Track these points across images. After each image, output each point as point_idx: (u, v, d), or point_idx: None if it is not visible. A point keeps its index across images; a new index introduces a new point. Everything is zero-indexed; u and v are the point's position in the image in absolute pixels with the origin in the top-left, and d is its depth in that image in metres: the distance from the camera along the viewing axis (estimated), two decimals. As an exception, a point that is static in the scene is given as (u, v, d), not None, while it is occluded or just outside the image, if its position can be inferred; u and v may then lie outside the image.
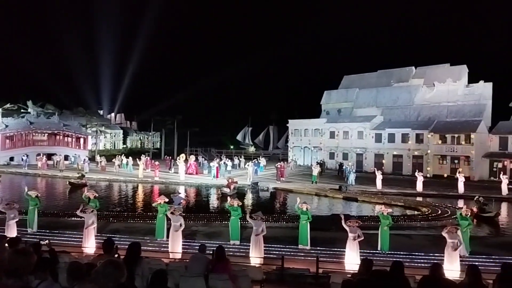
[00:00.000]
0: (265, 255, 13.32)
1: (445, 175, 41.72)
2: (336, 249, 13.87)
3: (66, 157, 51.44)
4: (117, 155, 48.62)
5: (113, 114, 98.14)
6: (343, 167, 41.72)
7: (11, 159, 52.43)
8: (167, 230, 14.93)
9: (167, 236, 14.68)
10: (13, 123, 56.38)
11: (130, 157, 46.21)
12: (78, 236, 14.73)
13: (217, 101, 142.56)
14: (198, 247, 9.64)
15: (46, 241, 8.66)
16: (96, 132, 68.69)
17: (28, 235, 15.31)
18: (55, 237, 14.90)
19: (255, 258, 13.12)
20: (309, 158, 55.40)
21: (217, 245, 9.16)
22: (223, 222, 18.50)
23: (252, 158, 49.93)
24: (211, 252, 10.39)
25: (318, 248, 14.40)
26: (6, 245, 6.42)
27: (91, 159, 51.26)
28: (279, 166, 38.20)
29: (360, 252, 12.79)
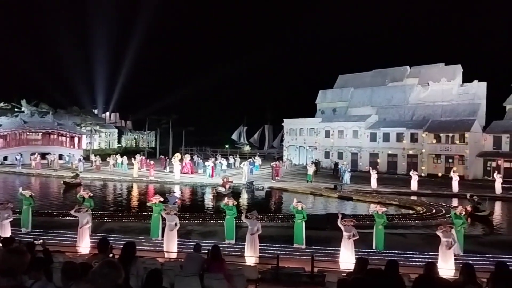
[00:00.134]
0: (260, 254, 13.32)
1: (439, 174, 41.91)
2: (331, 248, 13.89)
3: (61, 157, 51.14)
4: (112, 155, 48.47)
5: (107, 113, 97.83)
6: (338, 166, 41.80)
7: (5, 158, 52.13)
8: (162, 230, 14.90)
9: (162, 236, 14.64)
10: (7, 122, 56.02)
11: (125, 157, 45.98)
12: (73, 236, 14.65)
13: (213, 101, 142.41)
14: (193, 247, 9.63)
15: (40, 240, 8.62)
16: (91, 131, 68.41)
17: (22, 235, 15.22)
18: (49, 237, 14.81)
19: (250, 257, 13.11)
20: (304, 157, 55.47)
21: (213, 245, 9.15)
22: (218, 221, 18.49)
23: (248, 158, 49.90)
24: (206, 251, 10.38)
25: (313, 247, 14.42)
26: (0, 245, 6.39)
27: (86, 159, 51.04)
28: (274, 165, 38.22)
29: (355, 251, 12.82)
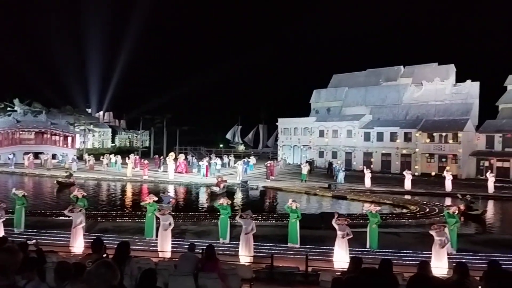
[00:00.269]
0: (255, 254, 13.34)
1: (433, 173, 42.10)
2: (325, 247, 13.91)
3: (54, 156, 50.82)
4: (106, 154, 48.25)
5: (101, 113, 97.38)
6: (333, 166, 41.90)
7: (-2, 158, 51.72)
8: (156, 229, 14.87)
9: (156, 235, 14.61)
10: (-1, 121, 55.67)
11: (119, 156, 45.82)
12: (66, 236, 14.58)
13: (207, 100, 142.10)
14: (187, 246, 9.62)
15: (34, 240, 8.58)
16: (84, 130, 68.11)
17: (15, 235, 15.13)
18: (42, 237, 14.74)
19: (245, 256, 13.12)
20: (298, 157, 55.53)
21: (207, 244, 9.15)
22: (213, 221, 18.48)
23: (242, 157, 49.88)
24: (200, 251, 10.38)
25: (308, 246, 14.45)
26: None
27: (79, 158, 50.76)
28: (268, 164, 38.24)
29: (349, 250, 12.86)
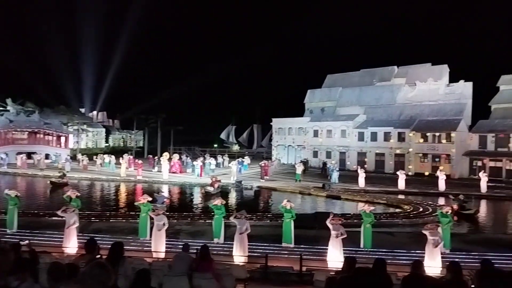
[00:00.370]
0: (249, 254, 13.34)
1: (426, 173, 42.30)
2: (319, 247, 13.92)
3: (47, 156, 50.54)
4: (99, 154, 48.06)
5: (95, 112, 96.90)
6: (327, 166, 41.99)
7: (-10, 158, 51.30)
8: (150, 230, 14.83)
9: (151, 236, 14.56)
10: (-8, 121, 55.24)
11: (112, 156, 45.64)
12: (59, 236, 14.49)
13: (201, 100, 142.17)
14: (181, 246, 9.60)
15: (26, 241, 8.52)
16: (78, 130, 67.76)
17: (7, 236, 15.02)
18: (35, 237, 14.66)
19: (239, 256, 13.12)
20: (293, 157, 55.56)
21: (202, 244, 9.13)
22: (207, 221, 18.44)
23: (236, 157, 49.86)
24: (195, 251, 10.36)
25: (302, 246, 14.46)
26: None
27: (73, 158, 50.49)
28: (263, 164, 38.25)
29: (343, 250, 12.89)
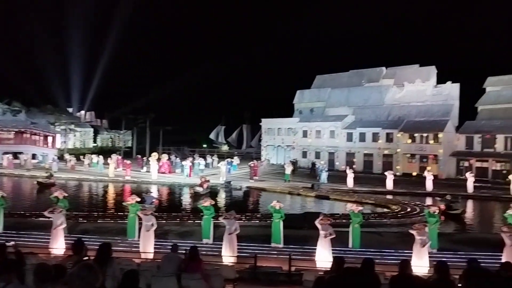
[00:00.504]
0: (238, 254, 13.33)
1: (414, 174, 42.67)
2: (308, 247, 13.96)
3: (34, 156, 50.03)
4: (87, 154, 47.68)
5: (83, 112, 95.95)
6: (316, 166, 42.15)
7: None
8: (139, 230, 14.73)
9: (139, 236, 14.47)
10: (-23, 121, 54.53)
11: (100, 156, 45.31)
12: (46, 237, 14.34)
13: (191, 100, 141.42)
14: (170, 247, 9.56)
15: (12, 242, 8.42)
16: (65, 130, 67.04)
17: (-7, 237, 14.82)
18: (22, 238, 14.49)
19: (228, 257, 13.11)
20: (282, 157, 55.65)
21: (191, 245, 9.11)
22: (196, 221, 18.38)
23: (225, 157, 49.82)
24: (184, 251, 10.32)
25: (291, 246, 14.49)
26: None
27: (60, 158, 50.02)
28: (252, 164, 38.27)
29: (332, 250, 12.94)
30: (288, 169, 36.54)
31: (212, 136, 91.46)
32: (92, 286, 3.27)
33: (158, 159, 39.90)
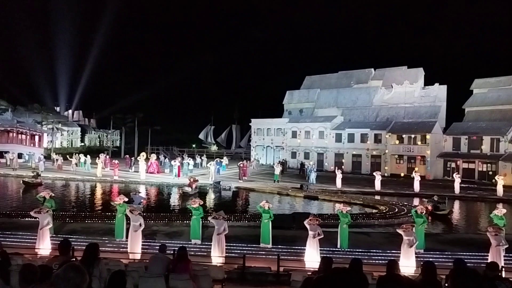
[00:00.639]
0: (227, 254, 13.30)
1: (402, 174, 43.06)
2: (296, 247, 14.00)
3: (20, 155, 49.40)
4: (75, 153, 47.19)
5: (70, 111, 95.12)
6: (305, 166, 42.28)
7: (-40, 157, 49.82)
8: (127, 230, 14.63)
9: (127, 236, 14.37)
10: (-38, 119, 53.68)
11: (88, 156, 44.89)
12: (33, 237, 14.16)
13: (180, 99, 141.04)
14: (158, 247, 9.51)
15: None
16: (52, 129, 66.37)
17: (-22, 237, 14.60)
18: (7, 238, 14.27)
19: (217, 257, 13.07)
20: (271, 157, 55.78)
21: (179, 245, 9.06)
22: (184, 221, 18.33)
23: (215, 157, 49.72)
24: (172, 252, 10.27)
25: (280, 246, 14.52)
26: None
27: (47, 158, 49.48)
28: (241, 165, 38.23)
29: (320, 250, 12.98)
30: (277, 170, 36.60)
31: (201, 136, 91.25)
32: (78, 287, 3.23)
33: (147, 159, 39.69)
